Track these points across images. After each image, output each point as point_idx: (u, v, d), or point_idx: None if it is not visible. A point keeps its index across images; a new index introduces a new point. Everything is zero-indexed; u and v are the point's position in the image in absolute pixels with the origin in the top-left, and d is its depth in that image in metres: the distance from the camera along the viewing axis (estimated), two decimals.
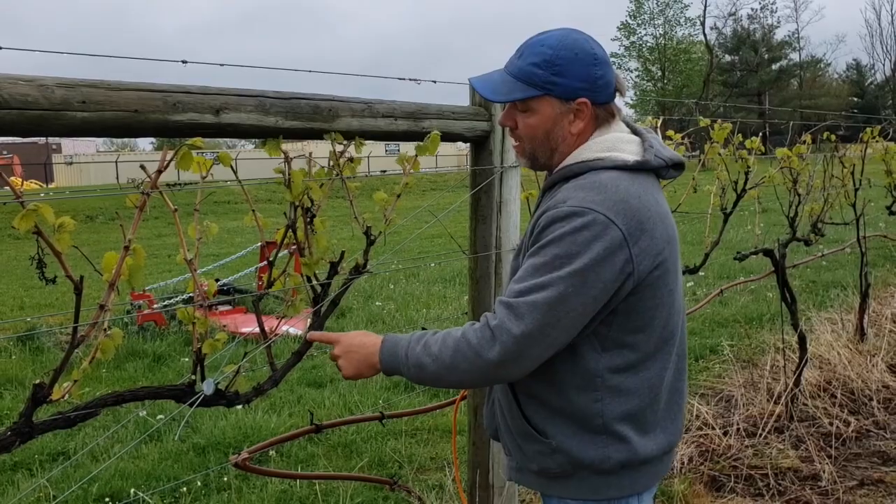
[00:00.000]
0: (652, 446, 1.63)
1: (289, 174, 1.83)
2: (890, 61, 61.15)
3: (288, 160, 1.84)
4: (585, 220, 1.47)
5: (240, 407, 4.44)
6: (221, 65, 1.73)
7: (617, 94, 1.65)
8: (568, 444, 1.61)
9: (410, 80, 2.18)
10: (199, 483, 3.86)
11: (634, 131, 1.69)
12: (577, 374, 1.58)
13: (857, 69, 63.87)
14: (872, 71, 64.08)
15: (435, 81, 2.27)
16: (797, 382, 4.38)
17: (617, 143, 1.62)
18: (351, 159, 2.00)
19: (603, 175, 1.56)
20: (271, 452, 4.17)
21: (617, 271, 1.47)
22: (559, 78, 1.57)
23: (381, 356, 1.63)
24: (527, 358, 1.50)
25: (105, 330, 1.54)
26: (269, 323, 1.92)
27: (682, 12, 55.39)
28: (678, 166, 1.68)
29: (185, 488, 3.81)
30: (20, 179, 27.30)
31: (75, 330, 1.48)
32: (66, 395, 1.51)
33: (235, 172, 1.82)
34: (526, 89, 1.59)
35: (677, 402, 1.71)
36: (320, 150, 1.98)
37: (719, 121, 3.51)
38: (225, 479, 3.89)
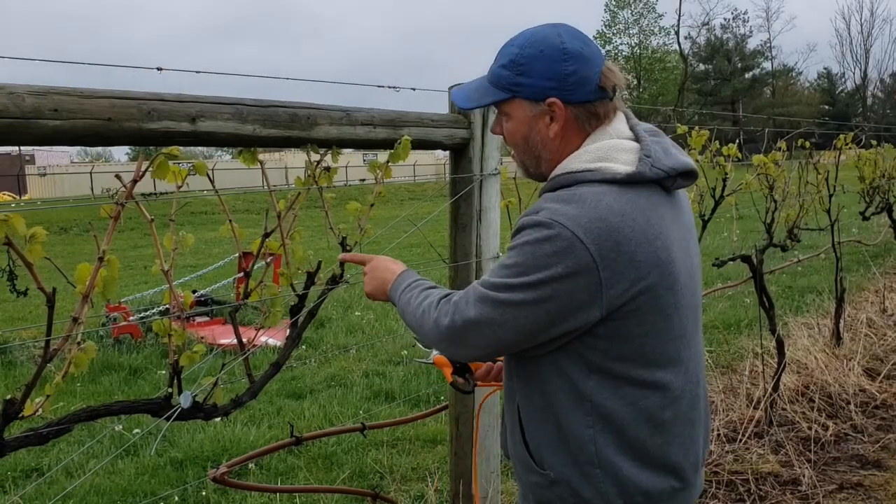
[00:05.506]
0: (653, 481, 1.51)
1: (268, 186, 1.81)
2: (860, 70, 62.32)
3: (264, 170, 1.82)
4: (549, 234, 1.38)
5: (218, 420, 4.38)
6: (197, 72, 1.70)
7: (611, 91, 1.51)
8: (567, 475, 1.51)
9: (389, 87, 2.17)
10: (176, 498, 3.80)
11: (637, 136, 1.54)
12: (568, 394, 1.49)
13: (828, 77, 64.97)
14: (843, 79, 65.30)
15: (414, 89, 2.26)
16: (776, 387, 4.41)
17: (611, 151, 1.48)
18: (327, 168, 1.98)
19: (585, 188, 1.43)
20: (251, 466, 4.12)
21: (579, 292, 1.38)
22: (524, 78, 1.49)
23: (391, 287, 1.76)
24: (470, 344, 1.50)
25: (79, 343, 1.50)
26: (248, 334, 1.90)
27: (656, 22, 56.28)
28: (687, 175, 1.53)
29: None
30: None
31: (48, 343, 1.44)
32: (39, 411, 1.48)
33: (213, 182, 1.79)
34: (495, 93, 1.53)
35: (689, 433, 1.57)
36: (297, 158, 1.95)
37: (696, 128, 3.53)
38: (203, 493, 3.83)
